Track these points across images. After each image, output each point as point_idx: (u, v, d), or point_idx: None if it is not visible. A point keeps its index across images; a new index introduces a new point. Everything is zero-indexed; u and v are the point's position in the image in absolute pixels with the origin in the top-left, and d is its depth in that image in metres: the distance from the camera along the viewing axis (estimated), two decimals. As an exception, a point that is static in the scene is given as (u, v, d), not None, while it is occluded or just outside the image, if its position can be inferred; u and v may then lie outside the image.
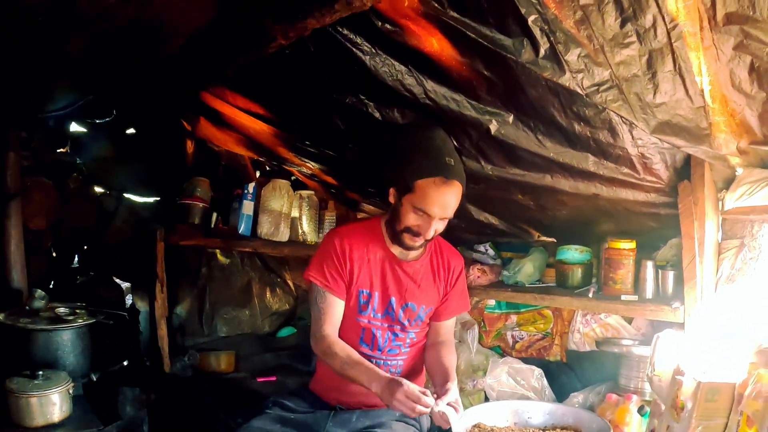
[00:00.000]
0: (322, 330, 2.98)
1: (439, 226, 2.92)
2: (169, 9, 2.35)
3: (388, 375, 2.71)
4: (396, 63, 2.91)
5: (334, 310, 3.03)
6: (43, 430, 3.28)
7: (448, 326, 3.26)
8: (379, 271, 3.10)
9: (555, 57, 2.45)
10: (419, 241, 2.97)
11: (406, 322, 3.13)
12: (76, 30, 2.44)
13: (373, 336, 3.10)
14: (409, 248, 3.04)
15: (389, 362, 3.14)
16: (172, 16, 2.44)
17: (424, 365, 3.32)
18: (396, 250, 3.11)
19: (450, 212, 2.90)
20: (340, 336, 3.03)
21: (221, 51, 3.13)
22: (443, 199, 2.83)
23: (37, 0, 2.14)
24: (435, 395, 2.64)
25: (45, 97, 3.67)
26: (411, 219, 2.89)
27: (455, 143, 3.15)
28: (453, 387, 2.74)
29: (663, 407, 2.77)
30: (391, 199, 3.01)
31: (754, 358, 2.45)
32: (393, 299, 3.10)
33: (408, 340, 3.18)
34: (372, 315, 3.10)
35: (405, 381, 2.57)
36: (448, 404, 2.60)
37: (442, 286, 3.22)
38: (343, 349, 2.91)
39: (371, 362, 3.00)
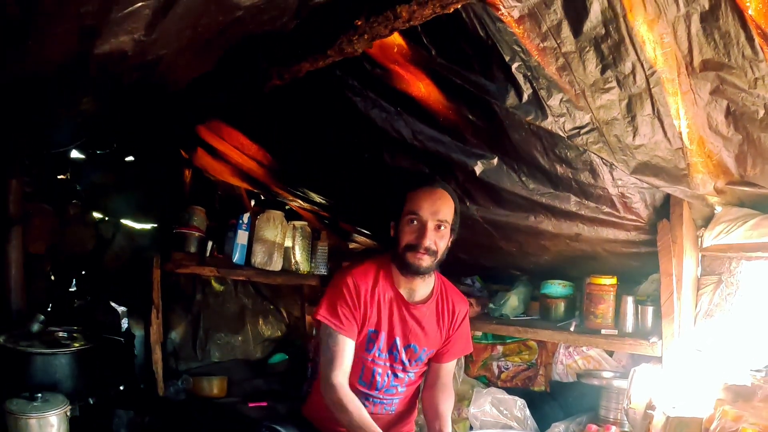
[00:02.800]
0: (333, 377, 2.92)
1: (436, 237, 2.94)
2: (173, 69, 2.49)
3: None
4: (386, 105, 3.03)
5: (346, 353, 2.98)
6: (41, 452, 3.32)
7: (448, 369, 3.28)
8: (387, 311, 3.10)
9: (538, 102, 2.56)
10: (423, 258, 2.94)
11: (407, 362, 3.15)
12: (87, 92, 2.59)
13: (373, 375, 3.12)
14: (415, 270, 3.00)
15: (385, 401, 3.18)
16: (175, 73, 2.57)
17: (418, 404, 3.37)
18: (404, 290, 3.12)
19: (441, 216, 2.92)
20: None
21: (219, 89, 3.22)
22: (432, 203, 2.90)
23: (52, 68, 2.30)
24: None
25: (52, 137, 3.80)
26: (408, 232, 2.94)
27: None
28: None
29: (637, 439, 2.87)
30: (392, 233, 3.07)
31: (721, 394, 2.55)
32: (397, 339, 3.11)
33: (406, 380, 3.20)
34: (377, 354, 3.11)
35: None
36: None
37: (445, 330, 3.22)
38: (354, 404, 2.87)
39: (368, 400, 3.09)
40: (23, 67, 2.31)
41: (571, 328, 3.60)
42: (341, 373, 2.93)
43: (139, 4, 1.89)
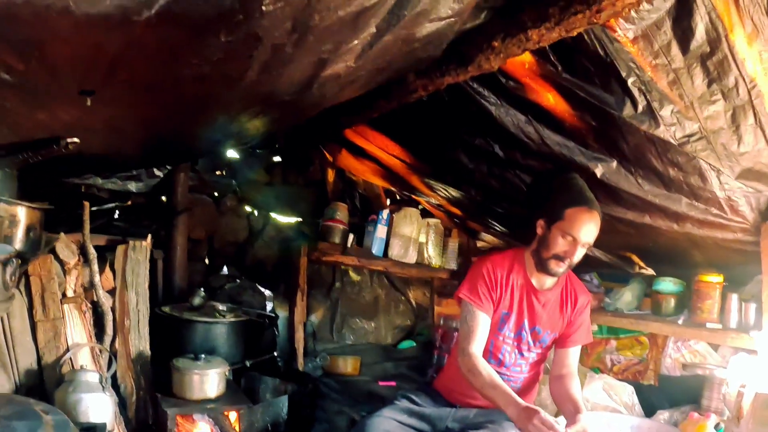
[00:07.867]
0: (470, 348, 3.20)
1: (581, 252, 3.24)
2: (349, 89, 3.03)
3: (523, 402, 2.93)
4: (518, 113, 3.31)
5: (482, 328, 3.27)
6: (202, 403, 3.74)
7: (572, 355, 3.46)
8: (518, 296, 3.38)
9: (651, 112, 2.80)
10: (563, 267, 3.25)
11: (532, 343, 3.40)
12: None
13: (501, 353, 3.39)
14: (553, 274, 3.31)
15: (511, 378, 3.41)
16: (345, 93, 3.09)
17: (542, 391, 3.66)
18: (535, 279, 3.40)
19: (592, 238, 3.20)
20: None
21: (368, 98, 3.54)
22: (588, 226, 3.15)
23: (289, 87, 2.86)
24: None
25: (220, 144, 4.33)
26: (559, 245, 3.20)
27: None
28: (582, 418, 2.99)
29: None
30: (539, 230, 3.33)
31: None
32: (525, 321, 3.38)
33: (530, 359, 3.45)
34: (507, 333, 3.38)
35: (541, 410, 2.81)
36: None
37: (567, 316, 3.45)
38: (487, 370, 3.15)
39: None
40: (273, 86, 2.79)
41: (679, 322, 3.83)
42: (477, 344, 3.24)
43: (356, 42, 2.34)
